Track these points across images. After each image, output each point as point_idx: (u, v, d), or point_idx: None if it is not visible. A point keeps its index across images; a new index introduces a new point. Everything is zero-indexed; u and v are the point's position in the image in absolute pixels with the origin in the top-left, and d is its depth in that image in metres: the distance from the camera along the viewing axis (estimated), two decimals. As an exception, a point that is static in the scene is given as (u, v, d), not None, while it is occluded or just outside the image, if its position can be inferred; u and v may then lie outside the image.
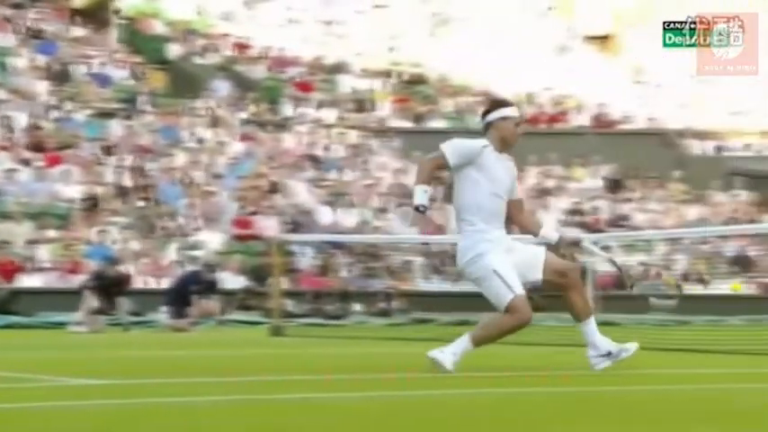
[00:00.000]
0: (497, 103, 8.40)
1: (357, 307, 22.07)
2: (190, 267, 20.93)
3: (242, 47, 31.23)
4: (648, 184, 27.60)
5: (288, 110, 29.65)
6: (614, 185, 27.72)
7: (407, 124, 29.81)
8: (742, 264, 24.66)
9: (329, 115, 29.63)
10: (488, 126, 8.18)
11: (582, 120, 30.47)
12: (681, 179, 28.20)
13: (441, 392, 7.00)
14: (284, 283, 18.67)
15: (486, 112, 8.26)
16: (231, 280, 21.55)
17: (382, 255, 24.29)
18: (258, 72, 30.56)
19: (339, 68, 31.27)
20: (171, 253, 22.65)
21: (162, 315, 19.14)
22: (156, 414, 5.78)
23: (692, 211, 26.93)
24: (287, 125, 28.75)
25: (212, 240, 23.23)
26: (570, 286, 8.32)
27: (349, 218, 25.11)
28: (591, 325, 8.41)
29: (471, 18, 33.65)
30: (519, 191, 8.40)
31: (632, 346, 8.47)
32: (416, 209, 7.86)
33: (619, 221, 26.06)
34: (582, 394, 7.18)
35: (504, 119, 8.14)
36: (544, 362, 10.67)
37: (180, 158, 25.72)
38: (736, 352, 11.68)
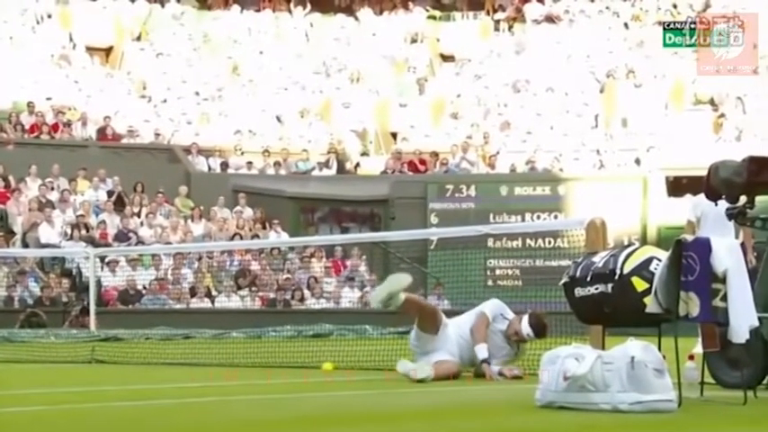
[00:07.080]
0: (540, 329, 9.88)
1: None
2: None
3: None
4: (155, 199, 27.45)
5: None
6: (120, 200, 27.36)
7: None
8: (245, 277, 25.08)
9: None
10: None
11: (86, 132, 29.84)
12: (187, 195, 28.31)
13: None
14: None
15: (532, 325, 9.82)
16: None
17: None
18: None
19: None
20: None
21: None
22: None
23: (198, 227, 27.10)
24: None
25: None
26: None
27: None
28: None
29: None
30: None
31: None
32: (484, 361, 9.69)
33: (125, 236, 25.72)
34: (74, 411, 7.09)
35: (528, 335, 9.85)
36: (43, 379, 10.27)
37: None
38: (238, 364, 11.79)
